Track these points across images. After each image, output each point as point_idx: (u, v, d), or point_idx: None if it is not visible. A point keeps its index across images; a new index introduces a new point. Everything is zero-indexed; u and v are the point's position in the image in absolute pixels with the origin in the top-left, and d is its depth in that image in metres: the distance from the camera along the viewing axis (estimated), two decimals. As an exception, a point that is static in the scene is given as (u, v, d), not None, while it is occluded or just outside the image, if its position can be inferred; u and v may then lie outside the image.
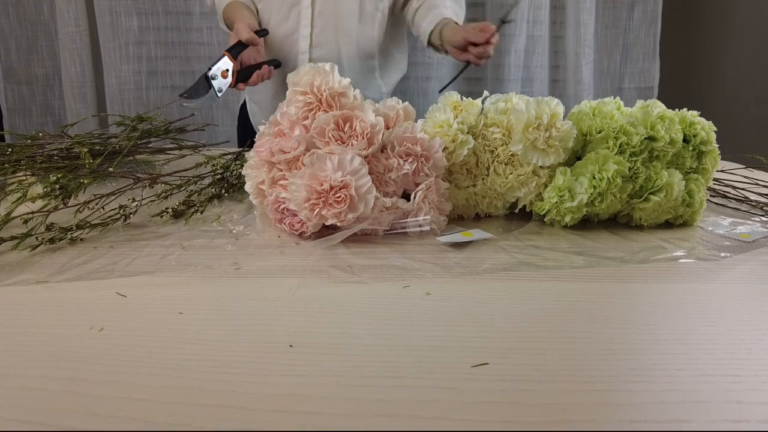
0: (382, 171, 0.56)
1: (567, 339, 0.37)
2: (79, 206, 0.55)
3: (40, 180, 0.58)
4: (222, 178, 0.56)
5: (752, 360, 0.34)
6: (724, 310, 0.41)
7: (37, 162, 0.61)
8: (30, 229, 0.50)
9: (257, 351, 0.35)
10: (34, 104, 1.71)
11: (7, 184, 0.54)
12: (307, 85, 0.56)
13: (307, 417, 0.28)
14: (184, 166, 0.72)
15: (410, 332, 0.37)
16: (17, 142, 0.68)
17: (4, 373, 0.32)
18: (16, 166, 0.59)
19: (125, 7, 1.58)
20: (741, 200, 0.71)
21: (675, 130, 0.59)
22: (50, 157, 0.63)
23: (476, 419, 0.28)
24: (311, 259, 0.51)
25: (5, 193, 0.53)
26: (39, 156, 0.61)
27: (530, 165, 0.60)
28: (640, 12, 1.83)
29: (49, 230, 0.51)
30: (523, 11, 1.71)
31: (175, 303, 0.41)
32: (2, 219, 0.50)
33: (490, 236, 0.56)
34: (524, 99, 0.61)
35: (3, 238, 0.49)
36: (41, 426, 0.28)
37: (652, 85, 1.85)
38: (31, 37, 1.67)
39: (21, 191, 0.52)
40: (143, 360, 0.33)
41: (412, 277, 0.47)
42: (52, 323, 0.38)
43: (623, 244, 0.56)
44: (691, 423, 0.28)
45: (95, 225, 0.54)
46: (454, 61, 1.79)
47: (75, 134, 0.74)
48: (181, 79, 1.70)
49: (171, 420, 0.28)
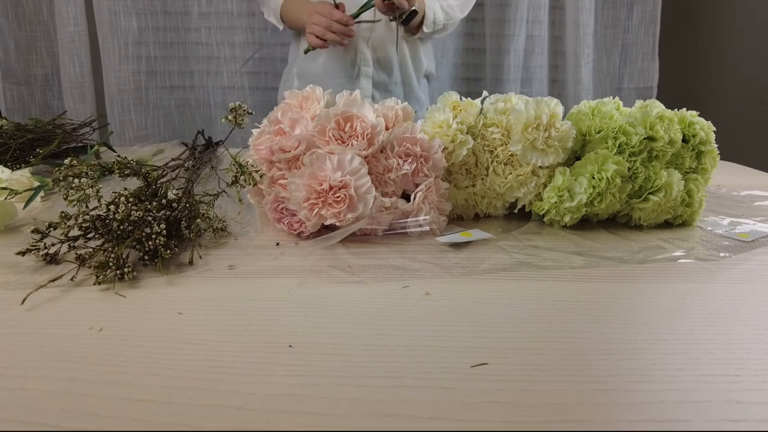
0: (381, 171, 0.56)
1: (567, 339, 0.37)
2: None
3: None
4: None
5: (751, 360, 0.34)
6: (724, 310, 0.41)
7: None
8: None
9: (257, 351, 0.35)
10: (33, 104, 1.71)
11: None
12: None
13: (307, 417, 0.28)
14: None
15: (410, 332, 0.37)
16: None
17: (3, 374, 0.32)
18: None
19: (124, 7, 1.58)
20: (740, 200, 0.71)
21: (674, 130, 0.59)
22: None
23: (476, 419, 0.28)
24: (310, 260, 0.51)
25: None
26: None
27: (529, 165, 0.60)
28: (639, 12, 1.83)
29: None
30: (523, 11, 1.71)
31: (175, 303, 0.41)
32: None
33: (490, 236, 0.57)
34: (523, 99, 0.61)
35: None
36: (41, 426, 0.27)
37: (651, 85, 1.86)
38: (30, 37, 1.67)
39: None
40: (143, 360, 0.33)
41: (411, 277, 0.47)
42: (52, 323, 0.38)
43: (622, 244, 0.56)
44: (691, 423, 0.28)
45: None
46: (453, 61, 1.79)
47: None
48: (180, 79, 1.70)
49: (170, 420, 0.28)
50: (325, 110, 0.55)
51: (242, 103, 0.59)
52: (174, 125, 1.73)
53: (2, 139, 0.81)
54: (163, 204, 0.52)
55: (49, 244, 0.49)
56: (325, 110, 0.55)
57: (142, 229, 0.48)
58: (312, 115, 0.57)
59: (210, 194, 0.60)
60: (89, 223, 0.49)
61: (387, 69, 1.22)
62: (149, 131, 1.67)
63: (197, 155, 0.81)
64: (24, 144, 0.82)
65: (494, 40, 1.75)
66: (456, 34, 1.78)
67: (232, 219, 0.61)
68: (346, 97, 0.57)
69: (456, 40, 1.78)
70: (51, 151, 0.82)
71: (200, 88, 1.73)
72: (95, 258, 0.46)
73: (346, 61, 1.20)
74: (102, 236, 0.49)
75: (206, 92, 1.73)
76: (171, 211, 0.52)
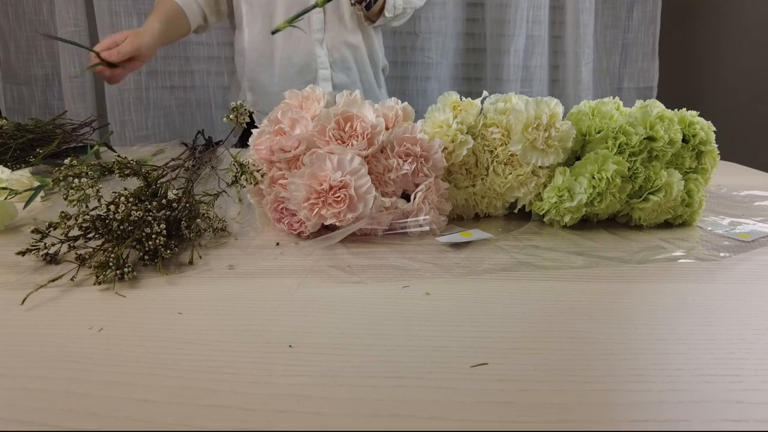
0: (381, 171, 0.56)
1: (566, 339, 0.37)
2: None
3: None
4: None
5: (752, 360, 0.34)
6: (724, 310, 0.41)
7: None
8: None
9: (257, 351, 0.35)
10: (33, 104, 1.71)
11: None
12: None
13: (307, 417, 0.28)
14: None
15: (410, 332, 0.37)
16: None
17: (3, 374, 0.32)
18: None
19: (125, 7, 1.58)
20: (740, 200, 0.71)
21: (674, 130, 0.59)
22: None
23: (476, 419, 0.28)
24: (310, 259, 0.51)
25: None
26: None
27: (529, 165, 0.60)
28: (639, 12, 1.83)
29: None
30: (523, 11, 1.71)
31: (175, 303, 0.41)
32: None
33: (490, 236, 0.57)
34: (523, 99, 0.61)
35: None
36: (41, 426, 0.28)
37: (651, 85, 1.86)
38: (30, 37, 1.67)
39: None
40: (143, 360, 0.33)
41: (411, 277, 0.47)
42: (52, 323, 0.38)
43: (622, 244, 0.56)
44: (691, 423, 0.28)
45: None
46: (453, 61, 1.79)
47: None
48: (180, 79, 1.70)
49: (170, 420, 0.28)
50: (325, 110, 0.55)
51: (243, 103, 0.59)
52: (174, 125, 1.73)
53: (2, 139, 0.81)
54: (163, 204, 0.52)
55: (49, 244, 0.49)
56: (325, 110, 0.55)
57: (142, 229, 0.48)
58: (312, 115, 0.57)
59: (210, 194, 0.60)
60: (89, 223, 0.49)
61: (345, 69, 1.21)
62: (149, 131, 1.67)
63: (197, 155, 0.81)
64: (24, 144, 0.82)
65: (494, 40, 1.75)
66: (456, 34, 1.78)
67: (232, 219, 0.61)
68: (346, 96, 0.57)
69: (456, 40, 1.79)
70: (51, 151, 0.82)
71: (201, 88, 1.73)
72: (95, 258, 0.46)
73: (301, 67, 1.18)
74: (102, 236, 0.49)
75: (207, 92, 1.73)
76: (171, 211, 0.52)
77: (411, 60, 1.77)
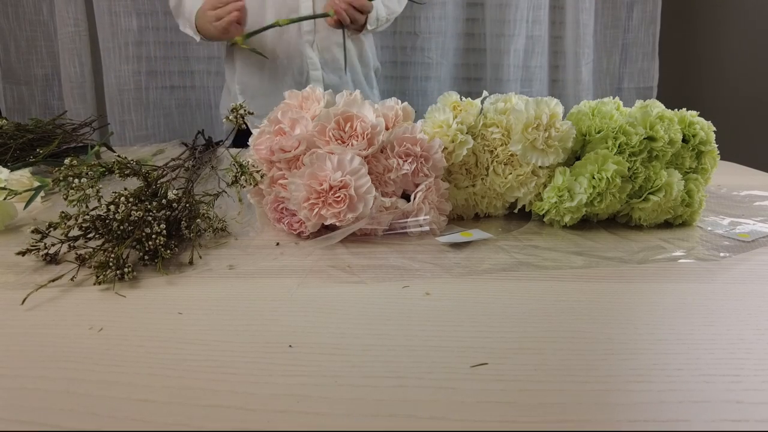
0: (381, 171, 0.56)
1: (567, 339, 0.37)
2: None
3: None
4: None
5: (752, 360, 0.34)
6: (724, 310, 0.41)
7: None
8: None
9: (257, 351, 0.35)
10: (33, 104, 1.71)
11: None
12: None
13: (307, 417, 0.28)
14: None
15: (410, 332, 0.37)
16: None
17: (3, 374, 0.32)
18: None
19: (125, 7, 1.58)
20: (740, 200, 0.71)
21: (674, 130, 0.59)
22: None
23: (476, 419, 0.28)
24: (310, 259, 0.51)
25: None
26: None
27: (529, 165, 0.60)
28: (639, 12, 1.83)
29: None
30: (523, 11, 1.71)
31: (175, 303, 0.41)
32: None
33: (490, 236, 0.57)
34: (523, 99, 0.61)
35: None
36: (41, 426, 0.27)
37: (651, 85, 1.86)
38: (30, 37, 1.67)
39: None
40: (142, 360, 0.33)
41: (411, 277, 0.47)
42: (52, 323, 0.38)
43: (622, 244, 0.56)
44: (691, 423, 0.28)
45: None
46: (453, 61, 1.79)
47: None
48: (180, 79, 1.70)
49: (170, 420, 0.28)
50: (325, 110, 0.55)
51: (243, 103, 0.59)
52: (174, 125, 1.73)
53: (2, 139, 0.81)
54: (163, 204, 0.52)
55: (49, 244, 0.49)
56: (325, 110, 0.55)
57: (142, 229, 0.48)
58: (312, 115, 0.57)
59: (210, 194, 0.60)
60: (89, 223, 0.49)
61: (336, 70, 1.21)
62: (149, 131, 1.68)
63: (197, 155, 0.81)
64: (24, 144, 0.82)
65: (494, 40, 1.75)
66: (456, 34, 1.78)
67: (232, 219, 0.61)
68: (346, 96, 0.57)
69: (456, 40, 1.79)
70: (51, 151, 0.82)
71: (201, 88, 1.73)
72: (95, 258, 0.46)
73: (292, 69, 1.18)
74: (102, 236, 0.49)
75: (207, 92, 1.73)
76: (171, 211, 0.52)
77: (411, 60, 1.77)
